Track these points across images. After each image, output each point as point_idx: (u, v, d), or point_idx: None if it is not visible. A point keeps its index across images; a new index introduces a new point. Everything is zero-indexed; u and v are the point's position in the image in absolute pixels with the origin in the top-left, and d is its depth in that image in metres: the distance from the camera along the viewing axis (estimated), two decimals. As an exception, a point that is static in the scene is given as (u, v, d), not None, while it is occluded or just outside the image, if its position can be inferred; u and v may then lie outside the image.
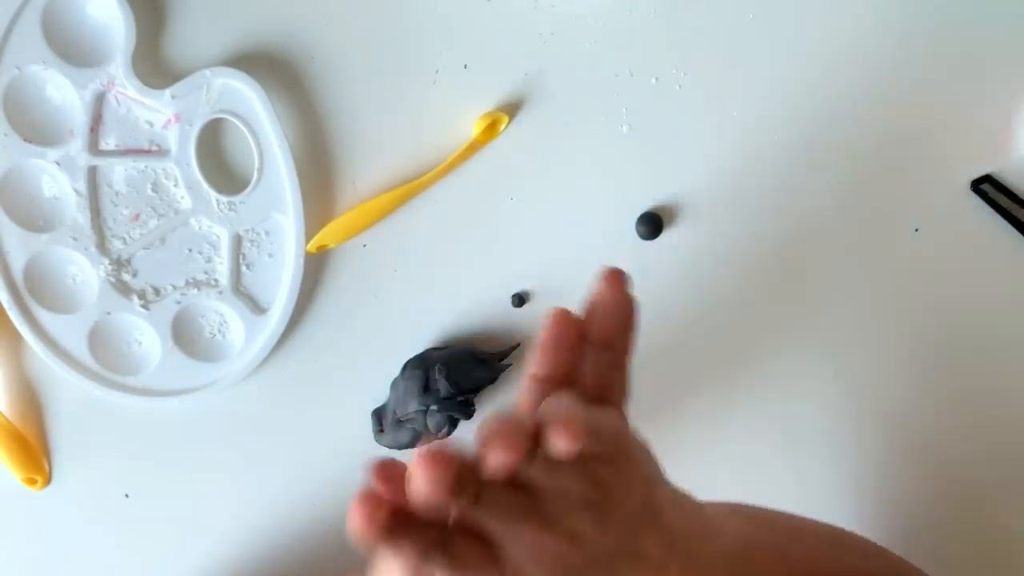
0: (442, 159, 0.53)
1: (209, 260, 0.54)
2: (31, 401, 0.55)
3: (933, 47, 0.53)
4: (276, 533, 0.54)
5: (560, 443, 0.29)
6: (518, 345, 0.54)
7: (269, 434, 0.55)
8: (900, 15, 0.53)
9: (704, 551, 0.34)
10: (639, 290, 0.54)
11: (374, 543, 0.29)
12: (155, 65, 0.53)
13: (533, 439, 0.30)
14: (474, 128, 0.52)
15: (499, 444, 0.29)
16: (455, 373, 0.52)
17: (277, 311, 0.53)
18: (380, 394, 0.55)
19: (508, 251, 0.54)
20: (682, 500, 0.35)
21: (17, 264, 0.52)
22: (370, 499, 0.29)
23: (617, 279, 0.36)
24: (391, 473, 0.31)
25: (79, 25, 0.52)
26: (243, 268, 0.54)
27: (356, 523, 0.29)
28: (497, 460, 0.29)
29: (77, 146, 0.52)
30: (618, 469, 0.32)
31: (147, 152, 0.53)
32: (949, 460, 0.53)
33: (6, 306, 0.52)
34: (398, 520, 0.29)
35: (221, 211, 0.53)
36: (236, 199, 0.53)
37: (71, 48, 0.51)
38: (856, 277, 0.54)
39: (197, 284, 0.54)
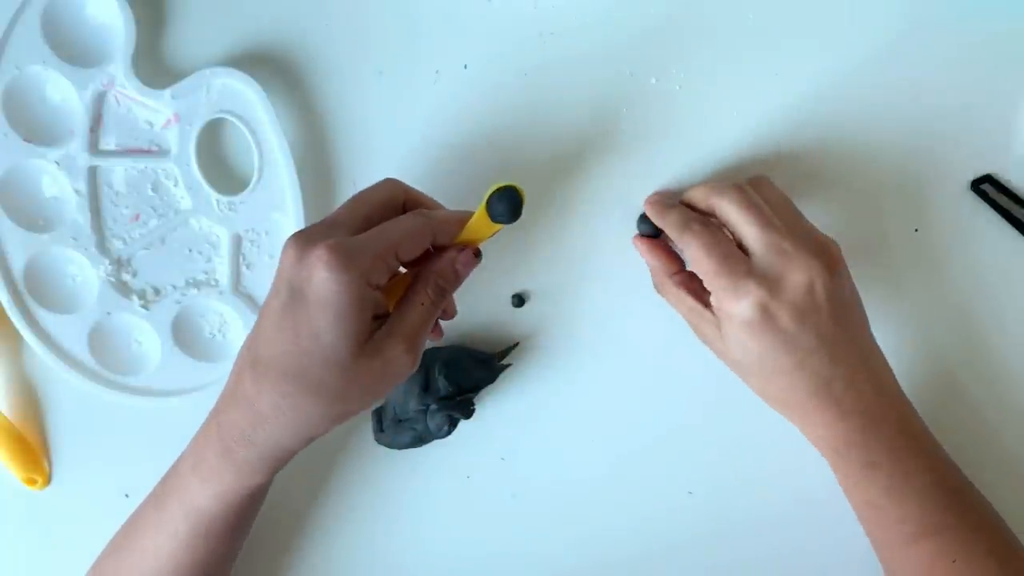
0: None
1: (209, 260, 0.54)
2: (31, 401, 0.55)
3: (933, 47, 0.53)
4: (276, 533, 0.54)
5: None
6: (517, 344, 0.54)
7: (269, 434, 0.55)
8: (900, 15, 0.53)
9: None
10: (639, 289, 0.54)
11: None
12: (155, 65, 0.53)
13: None
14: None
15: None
16: (455, 373, 0.52)
17: (277, 311, 0.53)
18: (380, 394, 0.55)
19: (508, 251, 0.54)
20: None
21: (17, 264, 0.52)
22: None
23: None
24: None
25: (79, 25, 0.52)
26: (243, 268, 0.54)
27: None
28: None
29: (77, 146, 0.52)
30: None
31: (147, 152, 0.53)
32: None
33: (6, 306, 0.52)
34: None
35: (221, 211, 0.53)
36: (236, 199, 0.53)
37: (71, 48, 0.51)
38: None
39: (197, 284, 0.54)
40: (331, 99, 0.54)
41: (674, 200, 0.50)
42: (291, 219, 0.52)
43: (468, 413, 0.53)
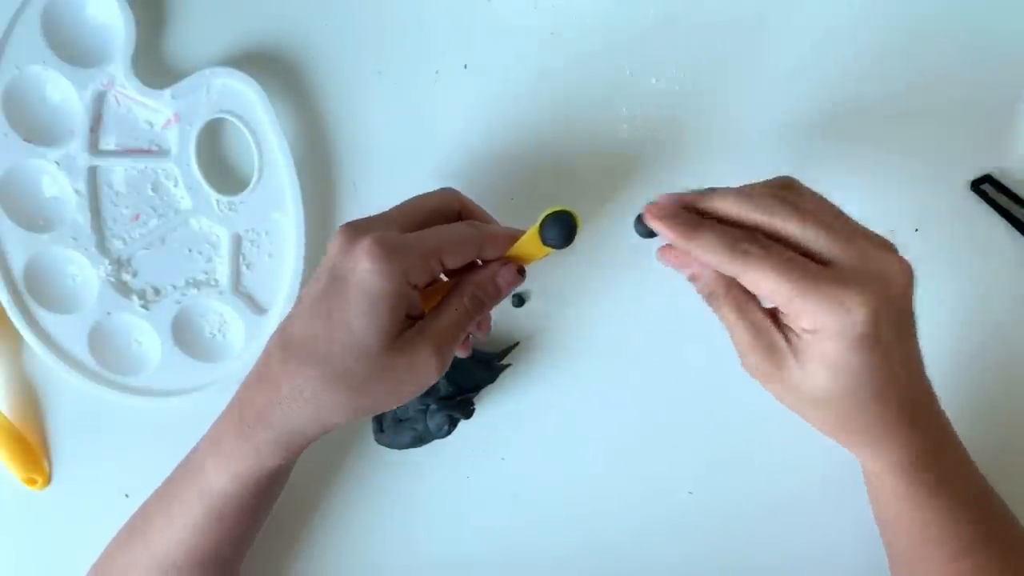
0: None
1: (209, 260, 0.54)
2: (31, 401, 0.55)
3: (933, 47, 0.53)
4: (276, 532, 0.54)
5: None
6: (516, 344, 0.54)
7: (269, 434, 0.55)
8: (900, 16, 0.53)
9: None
10: (640, 289, 0.54)
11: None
12: (155, 65, 0.53)
13: None
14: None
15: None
16: (455, 373, 0.52)
17: (277, 311, 0.53)
18: (380, 394, 0.55)
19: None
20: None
21: (17, 264, 0.52)
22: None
23: None
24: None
25: (79, 25, 0.52)
26: (243, 268, 0.54)
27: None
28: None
29: (77, 146, 0.52)
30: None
31: (147, 152, 0.53)
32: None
33: (6, 306, 0.52)
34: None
35: (221, 211, 0.53)
36: (236, 199, 0.53)
37: (71, 48, 0.51)
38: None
39: (197, 284, 0.54)
40: (331, 99, 0.54)
41: (687, 207, 0.41)
42: (291, 219, 0.52)
43: (468, 413, 0.53)
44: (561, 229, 0.41)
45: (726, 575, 0.55)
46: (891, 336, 0.39)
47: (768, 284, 0.38)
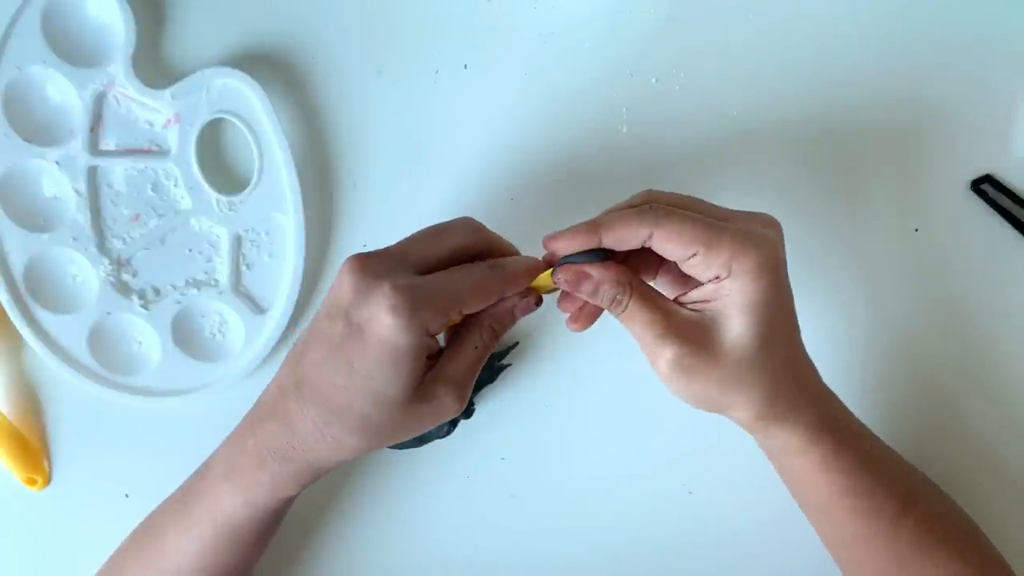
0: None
1: (209, 260, 0.54)
2: (31, 401, 0.55)
3: (934, 47, 0.53)
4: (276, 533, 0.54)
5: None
6: (516, 344, 0.54)
7: (269, 434, 0.55)
8: (900, 16, 0.53)
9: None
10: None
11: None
12: (155, 65, 0.53)
13: None
14: None
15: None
16: (455, 373, 0.52)
17: (277, 311, 0.53)
18: (380, 394, 0.55)
19: (508, 251, 0.54)
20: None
21: (17, 264, 0.52)
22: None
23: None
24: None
25: (79, 25, 0.52)
26: (243, 268, 0.54)
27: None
28: None
29: (77, 146, 0.52)
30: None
31: (147, 152, 0.53)
32: (949, 460, 0.52)
33: (6, 306, 0.52)
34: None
35: (221, 211, 0.53)
36: (236, 199, 0.53)
37: (71, 48, 0.51)
38: (855, 277, 0.54)
39: (197, 284, 0.54)
40: (331, 99, 0.54)
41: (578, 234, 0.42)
42: (291, 219, 0.52)
43: (468, 413, 0.53)
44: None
45: (726, 575, 0.55)
46: (785, 272, 0.42)
47: (683, 232, 0.40)
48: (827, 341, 0.51)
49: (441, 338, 0.46)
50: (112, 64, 0.51)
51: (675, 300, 0.43)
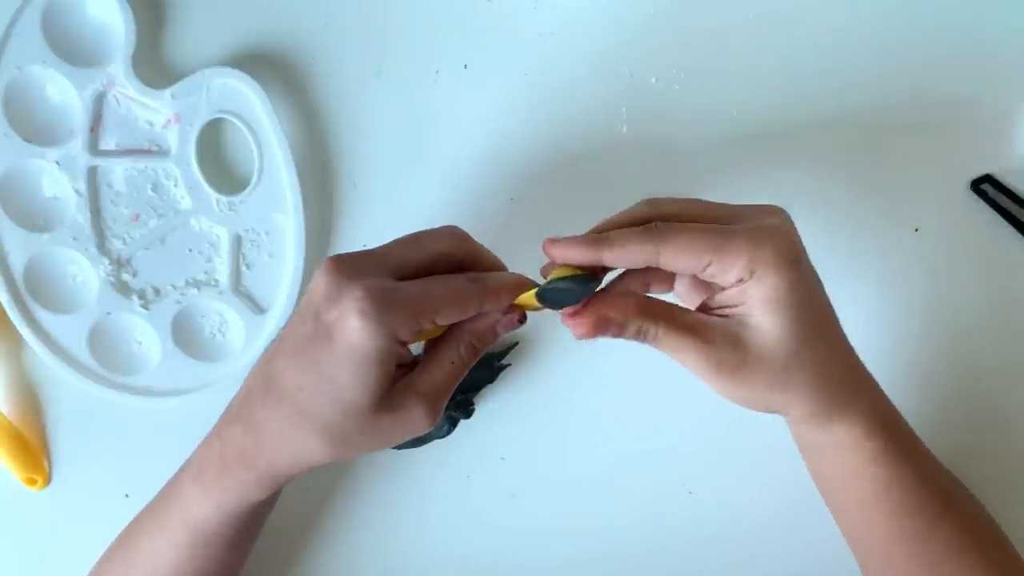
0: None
1: (209, 260, 0.54)
2: (31, 401, 0.55)
3: (934, 47, 0.53)
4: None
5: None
6: (516, 344, 0.54)
7: (269, 434, 0.55)
8: (900, 16, 0.53)
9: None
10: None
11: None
12: (155, 65, 0.53)
13: None
14: None
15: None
16: (455, 373, 0.52)
17: (277, 311, 0.53)
18: (380, 394, 0.55)
19: (507, 251, 0.54)
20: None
21: (17, 264, 0.52)
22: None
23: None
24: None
25: (79, 25, 0.52)
26: (243, 268, 0.54)
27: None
28: None
29: (77, 146, 0.52)
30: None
31: (147, 152, 0.53)
32: (948, 460, 0.52)
33: (6, 306, 0.52)
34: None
35: (221, 211, 0.53)
36: (236, 199, 0.53)
37: (71, 48, 0.51)
38: (856, 277, 0.54)
39: (197, 284, 0.54)
40: (331, 99, 0.54)
41: (580, 245, 0.41)
42: (291, 219, 0.52)
43: (468, 413, 0.53)
44: (570, 297, 0.40)
45: (727, 574, 0.55)
46: (808, 261, 0.41)
47: (692, 245, 0.39)
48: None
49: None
50: (112, 64, 0.51)
51: (702, 305, 0.42)
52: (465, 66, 0.54)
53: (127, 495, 0.54)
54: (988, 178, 0.53)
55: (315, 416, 0.39)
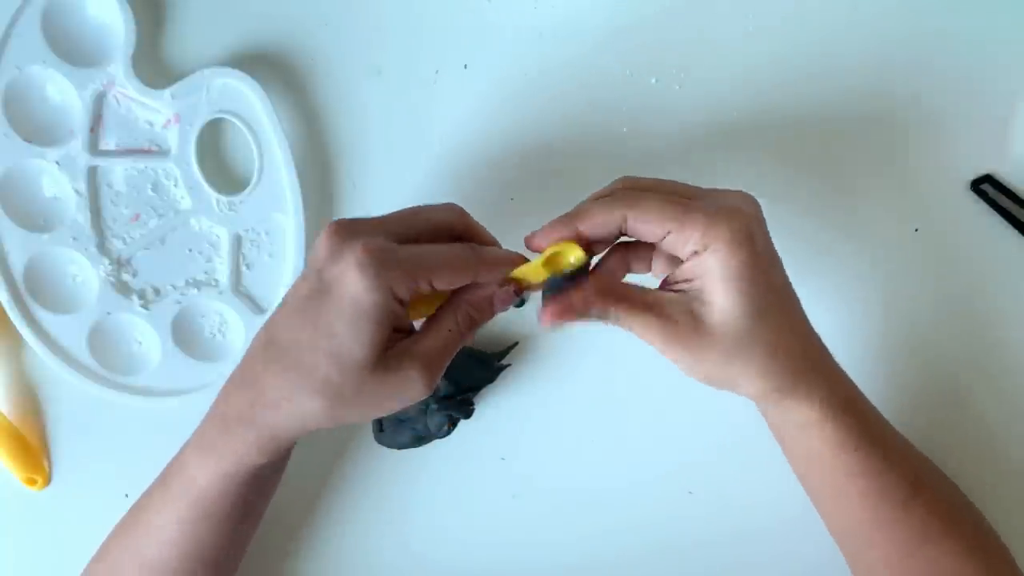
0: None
1: (209, 260, 0.54)
2: (31, 401, 0.55)
3: (933, 47, 0.53)
4: (275, 532, 0.54)
5: None
6: (516, 344, 0.54)
7: (269, 434, 0.55)
8: (900, 16, 0.53)
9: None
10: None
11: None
12: (155, 65, 0.53)
13: None
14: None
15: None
16: (455, 372, 0.52)
17: (277, 311, 0.53)
18: (380, 394, 0.55)
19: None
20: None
21: (17, 264, 0.52)
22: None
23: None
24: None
25: (79, 25, 0.52)
26: (243, 268, 0.54)
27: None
28: None
29: (77, 146, 0.52)
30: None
31: (147, 152, 0.53)
32: (948, 460, 0.52)
33: (6, 306, 0.52)
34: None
35: (221, 211, 0.53)
36: (236, 199, 0.53)
37: (71, 48, 0.51)
38: (855, 277, 0.54)
39: (197, 284, 0.54)
40: (331, 99, 0.54)
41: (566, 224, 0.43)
42: (291, 219, 0.52)
43: (468, 413, 0.53)
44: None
45: (727, 575, 0.55)
46: (766, 243, 0.42)
47: (656, 212, 0.40)
48: (826, 341, 0.51)
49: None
50: (112, 64, 0.51)
51: (664, 281, 0.44)
52: (465, 66, 0.54)
53: (127, 495, 0.54)
54: (988, 178, 0.53)
55: (312, 371, 0.40)
